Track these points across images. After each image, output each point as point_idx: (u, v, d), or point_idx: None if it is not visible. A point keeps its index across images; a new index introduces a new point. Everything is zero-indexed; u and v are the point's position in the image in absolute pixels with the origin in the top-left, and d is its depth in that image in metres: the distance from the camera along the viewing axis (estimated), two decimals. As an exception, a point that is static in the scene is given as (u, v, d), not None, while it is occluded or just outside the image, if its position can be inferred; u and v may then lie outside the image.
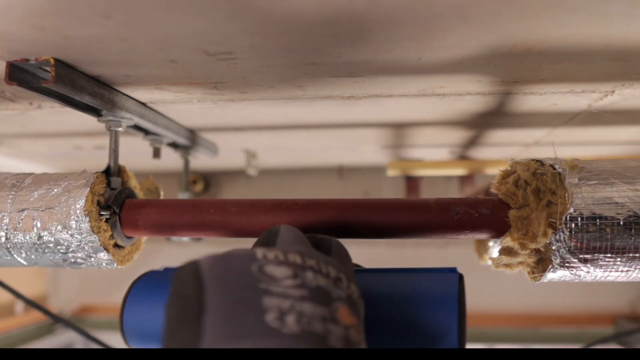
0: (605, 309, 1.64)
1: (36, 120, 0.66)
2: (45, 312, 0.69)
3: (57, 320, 0.71)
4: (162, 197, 0.53)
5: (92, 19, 0.32)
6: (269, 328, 0.23)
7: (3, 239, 0.42)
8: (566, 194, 0.35)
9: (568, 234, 0.34)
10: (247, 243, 0.35)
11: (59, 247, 0.42)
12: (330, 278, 0.27)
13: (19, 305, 1.69)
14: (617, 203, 0.34)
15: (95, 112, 0.48)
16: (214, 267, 0.25)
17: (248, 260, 0.26)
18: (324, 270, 0.27)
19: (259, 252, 0.27)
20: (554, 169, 0.36)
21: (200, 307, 0.24)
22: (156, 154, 0.66)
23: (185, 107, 0.57)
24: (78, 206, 0.41)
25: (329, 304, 0.25)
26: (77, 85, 0.42)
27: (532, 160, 0.38)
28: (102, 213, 0.42)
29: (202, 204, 0.43)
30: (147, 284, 0.38)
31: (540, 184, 0.37)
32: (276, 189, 1.58)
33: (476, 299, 1.69)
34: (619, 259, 0.35)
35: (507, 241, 0.38)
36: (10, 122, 0.67)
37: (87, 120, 0.50)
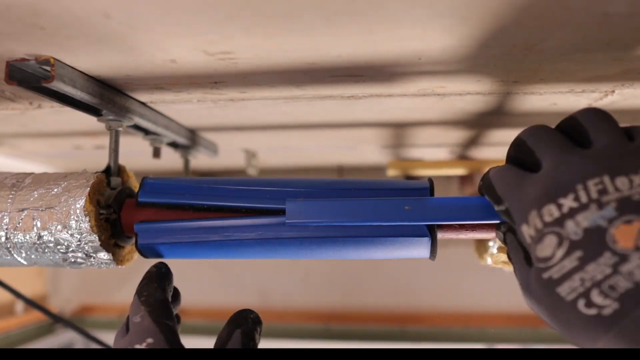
0: (605, 309, 1.64)
1: (36, 120, 0.66)
2: (45, 312, 0.69)
3: (57, 320, 0.71)
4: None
5: (91, 18, 0.32)
6: (591, 317, 0.22)
7: (3, 239, 0.42)
8: (566, 194, 0.35)
9: (568, 233, 0.34)
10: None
11: (59, 247, 0.42)
12: (593, 200, 0.23)
13: (19, 305, 1.69)
14: (617, 203, 0.34)
15: (95, 111, 0.48)
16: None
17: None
18: (584, 197, 0.23)
19: (528, 236, 0.25)
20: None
21: None
22: (156, 153, 0.66)
23: (185, 106, 0.57)
24: (78, 206, 0.41)
25: (603, 243, 0.22)
26: (77, 85, 0.42)
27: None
28: (102, 212, 0.42)
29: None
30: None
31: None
32: (276, 188, 1.58)
33: (476, 299, 1.69)
34: (619, 259, 0.35)
35: (507, 241, 0.38)
36: (10, 122, 0.67)
37: (87, 120, 0.50)
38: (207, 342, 0.33)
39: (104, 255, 0.42)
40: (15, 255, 0.43)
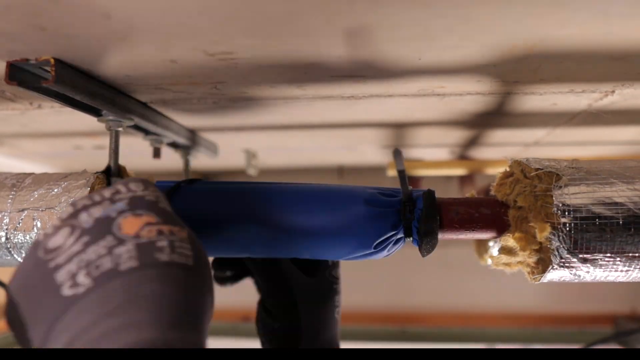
0: (605, 309, 1.64)
1: (36, 120, 0.66)
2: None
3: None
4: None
5: (92, 18, 0.32)
6: (66, 299, 0.24)
7: (3, 239, 0.42)
8: (565, 194, 0.35)
9: (567, 233, 0.34)
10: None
11: (59, 247, 0.42)
12: (106, 199, 0.28)
13: (19, 305, 1.69)
14: (617, 203, 0.34)
15: (95, 112, 0.48)
16: (16, 282, 0.27)
17: (33, 252, 0.27)
18: (97, 197, 0.28)
19: (41, 235, 0.27)
20: (553, 169, 0.36)
21: (23, 325, 0.26)
22: (156, 154, 0.66)
23: (185, 106, 0.57)
24: (78, 206, 0.41)
25: (109, 229, 0.26)
26: (77, 85, 0.42)
27: (531, 160, 0.38)
28: (102, 213, 0.42)
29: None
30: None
31: (538, 184, 0.37)
32: (276, 188, 1.58)
33: (476, 299, 1.70)
34: (618, 259, 0.35)
35: (507, 240, 0.38)
36: (10, 122, 0.67)
37: (87, 120, 0.50)
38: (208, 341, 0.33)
39: (104, 256, 0.42)
40: (15, 255, 0.43)
